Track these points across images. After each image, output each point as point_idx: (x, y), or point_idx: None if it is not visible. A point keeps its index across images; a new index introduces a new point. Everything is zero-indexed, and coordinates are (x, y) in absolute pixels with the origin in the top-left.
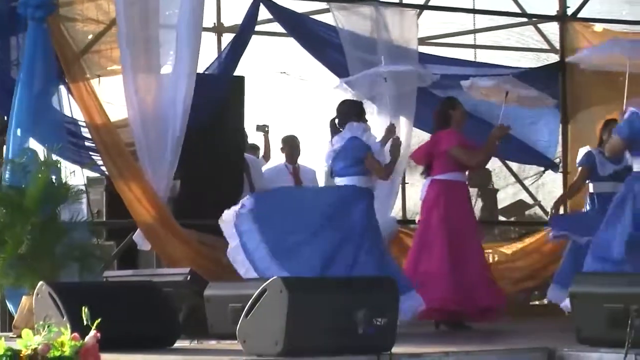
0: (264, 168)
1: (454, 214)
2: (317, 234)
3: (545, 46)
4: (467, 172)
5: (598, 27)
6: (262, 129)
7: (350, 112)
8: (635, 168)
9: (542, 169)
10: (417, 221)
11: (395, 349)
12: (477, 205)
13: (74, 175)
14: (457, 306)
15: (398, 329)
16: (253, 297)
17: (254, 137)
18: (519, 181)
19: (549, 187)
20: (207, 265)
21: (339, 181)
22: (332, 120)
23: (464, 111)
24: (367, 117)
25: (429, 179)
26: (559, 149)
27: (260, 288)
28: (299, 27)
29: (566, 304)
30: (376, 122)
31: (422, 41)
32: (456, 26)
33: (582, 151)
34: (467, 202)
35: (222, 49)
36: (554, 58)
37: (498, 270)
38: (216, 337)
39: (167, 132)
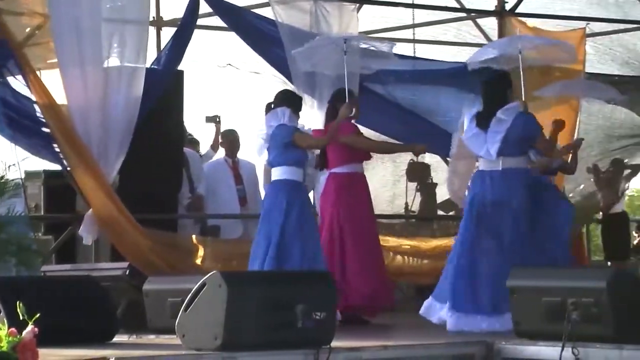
0: (211, 160)
1: (354, 207)
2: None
3: (483, 41)
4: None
5: (530, 22)
6: (213, 119)
7: (284, 100)
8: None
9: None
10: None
11: (335, 343)
12: (416, 199)
13: (9, 170)
14: (359, 300)
15: None
16: (192, 292)
17: (203, 129)
18: None
19: None
20: (162, 260)
21: (273, 171)
22: (268, 105)
23: (357, 103)
24: (308, 111)
25: (327, 172)
26: None
27: (199, 282)
28: (239, 21)
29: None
30: (316, 115)
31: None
32: (394, 20)
33: None
34: (366, 194)
35: (163, 44)
36: None
37: (424, 265)
38: (155, 331)
39: (110, 125)
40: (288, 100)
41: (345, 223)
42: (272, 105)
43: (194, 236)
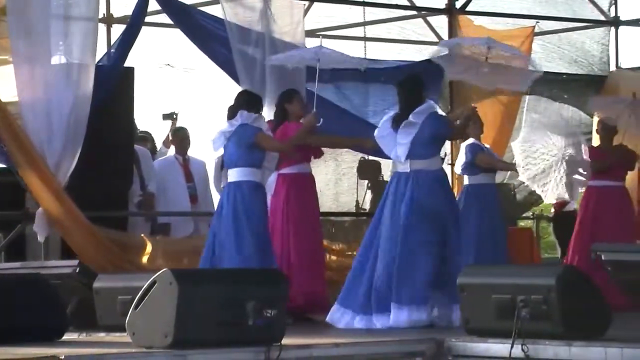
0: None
1: (303, 207)
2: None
3: (434, 39)
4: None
5: (480, 21)
6: (170, 116)
7: (245, 102)
8: None
9: None
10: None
11: (285, 341)
12: (367, 197)
13: None
14: (305, 299)
15: None
16: (143, 289)
17: (156, 126)
18: None
19: None
20: (113, 258)
21: (231, 172)
22: (230, 107)
23: (302, 101)
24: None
25: (276, 173)
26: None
27: (150, 280)
28: (186, 19)
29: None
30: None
31: (312, 34)
32: (344, 19)
33: (466, 144)
34: (315, 195)
35: (113, 41)
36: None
37: None
38: (105, 329)
39: (60, 123)
40: (247, 102)
41: (292, 223)
42: (233, 107)
43: (143, 235)
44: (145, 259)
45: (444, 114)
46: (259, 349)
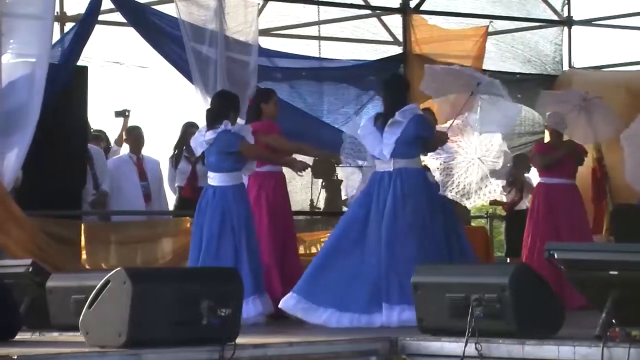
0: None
1: (276, 205)
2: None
3: (387, 38)
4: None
5: (434, 20)
6: (123, 113)
7: (232, 107)
8: None
9: None
10: None
11: (240, 340)
12: (322, 196)
13: None
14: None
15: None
16: (96, 289)
17: (110, 124)
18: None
19: None
20: (49, 257)
21: (212, 176)
22: (209, 110)
23: (277, 103)
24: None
25: None
26: None
27: (104, 279)
28: (140, 18)
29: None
30: None
31: (267, 32)
32: (298, 18)
33: None
34: (285, 192)
35: (63, 39)
36: (393, 50)
37: None
38: (58, 328)
39: (7, 122)
40: (230, 106)
41: (265, 222)
42: (210, 109)
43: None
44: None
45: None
46: (213, 348)
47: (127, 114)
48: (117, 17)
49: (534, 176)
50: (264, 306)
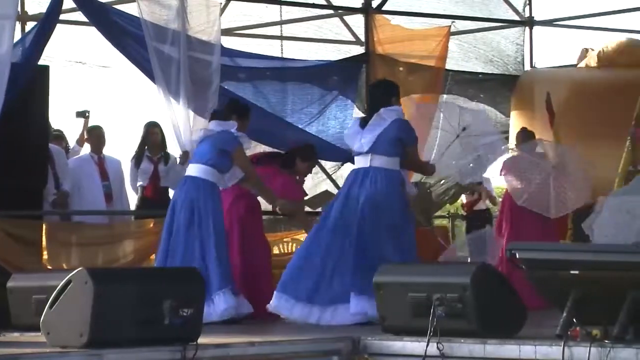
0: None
1: (249, 210)
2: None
3: (349, 38)
4: None
5: (394, 21)
6: (83, 114)
7: (236, 112)
8: None
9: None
10: None
11: (202, 340)
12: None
13: None
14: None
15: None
16: (58, 289)
17: (71, 124)
18: (325, 172)
19: None
20: (10, 257)
21: (195, 167)
22: (217, 111)
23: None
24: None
25: None
26: None
27: (65, 279)
28: (102, 17)
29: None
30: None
31: (229, 32)
32: (261, 18)
33: None
34: (255, 197)
35: (24, 38)
36: (356, 50)
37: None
38: (19, 329)
39: None
40: (242, 114)
41: (238, 226)
42: (218, 113)
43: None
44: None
45: None
46: (176, 348)
47: (87, 114)
48: (79, 16)
49: (497, 178)
50: (232, 301)
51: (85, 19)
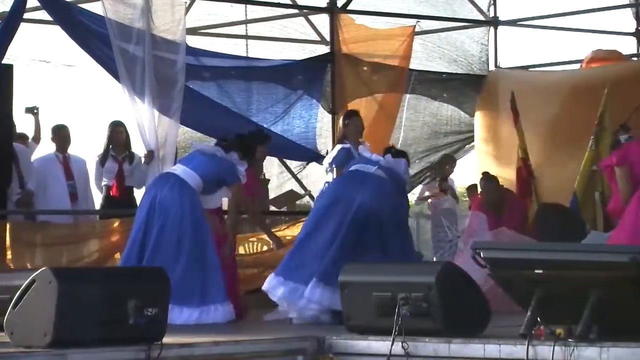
0: (35, 154)
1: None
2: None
3: (314, 37)
4: None
5: (359, 21)
6: (31, 110)
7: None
8: None
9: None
10: None
11: (166, 339)
12: None
13: None
14: None
15: None
16: (21, 288)
17: (23, 121)
18: (290, 171)
19: (314, 177)
20: None
21: (187, 172)
22: (224, 140)
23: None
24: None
25: None
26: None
27: (29, 279)
28: (66, 16)
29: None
30: (142, 112)
31: (194, 31)
32: (225, 17)
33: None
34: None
35: None
36: (321, 49)
37: (264, 258)
38: None
39: None
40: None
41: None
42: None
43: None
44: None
45: None
46: (140, 347)
47: (35, 111)
48: (43, 15)
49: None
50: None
51: (49, 18)
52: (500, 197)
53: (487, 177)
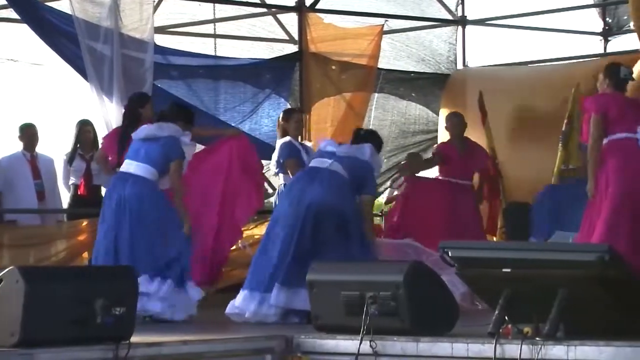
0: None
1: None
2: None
3: (283, 36)
4: None
5: (327, 20)
6: None
7: (181, 116)
8: None
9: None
10: None
11: (134, 338)
12: None
13: None
14: None
15: None
16: None
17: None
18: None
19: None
20: None
21: (140, 166)
22: (162, 113)
23: (152, 107)
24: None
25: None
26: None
27: None
28: (34, 15)
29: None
30: (110, 111)
31: (162, 30)
32: (193, 15)
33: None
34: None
35: None
36: (289, 48)
37: (231, 256)
38: None
39: None
40: (187, 118)
41: None
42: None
43: None
44: None
45: None
46: (108, 347)
47: None
48: (11, 13)
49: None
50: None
51: (17, 16)
52: (464, 130)
53: (454, 113)
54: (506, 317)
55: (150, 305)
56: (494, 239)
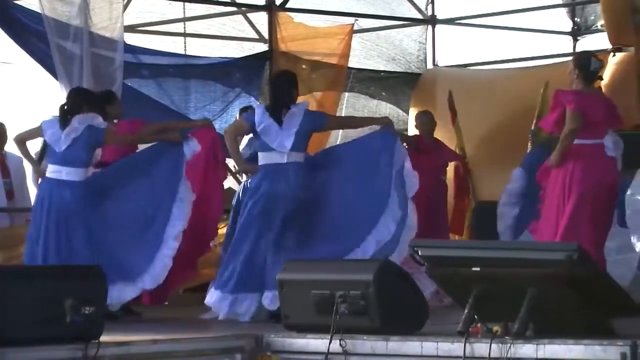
0: None
1: None
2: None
3: (254, 35)
4: None
5: (297, 19)
6: None
7: (85, 101)
8: None
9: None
10: None
11: (103, 338)
12: None
13: None
14: None
15: None
16: None
17: None
18: (229, 169)
19: None
20: None
21: (64, 169)
22: (62, 107)
23: (119, 105)
24: None
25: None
26: None
27: None
28: (2, 13)
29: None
30: None
31: (132, 29)
32: (162, 14)
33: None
34: None
35: None
36: (260, 47)
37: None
38: None
39: None
40: (91, 101)
41: None
42: (67, 108)
43: None
44: None
45: None
46: (77, 346)
47: None
48: None
49: None
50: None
51: None
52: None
53: (423, 112)
54: (475, 316)
55: None
56: (456, 237)
